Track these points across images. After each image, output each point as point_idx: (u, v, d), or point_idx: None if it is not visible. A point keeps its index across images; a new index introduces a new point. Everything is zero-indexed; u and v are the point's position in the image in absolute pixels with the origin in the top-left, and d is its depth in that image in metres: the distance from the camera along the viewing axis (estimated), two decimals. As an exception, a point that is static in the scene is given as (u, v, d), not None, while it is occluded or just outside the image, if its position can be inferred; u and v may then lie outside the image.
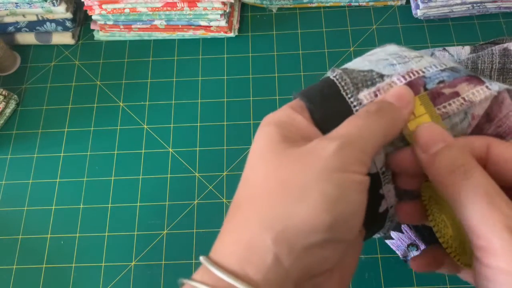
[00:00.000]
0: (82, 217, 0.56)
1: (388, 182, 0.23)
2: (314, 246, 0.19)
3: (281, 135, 0.22)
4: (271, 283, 0.19)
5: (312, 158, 0.20)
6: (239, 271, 0.19)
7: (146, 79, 0.65)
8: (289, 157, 0.21)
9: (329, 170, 0.20)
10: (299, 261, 0.19)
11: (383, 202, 0.23)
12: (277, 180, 0.20)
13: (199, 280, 0.19)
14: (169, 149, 0.60)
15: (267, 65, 0.64)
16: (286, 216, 0.19)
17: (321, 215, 0.19)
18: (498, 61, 0.50)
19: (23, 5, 0.63)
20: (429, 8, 0.62)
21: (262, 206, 0.20)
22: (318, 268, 0.20)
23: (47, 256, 0.55)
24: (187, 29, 0.65)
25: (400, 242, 0.49)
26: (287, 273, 0.19)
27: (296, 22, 0.67)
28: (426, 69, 0.24)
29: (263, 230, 0.19)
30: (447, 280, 0.50)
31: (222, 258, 0.20)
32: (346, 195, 0.20)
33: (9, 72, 0.67)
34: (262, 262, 0.19)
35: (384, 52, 0.25)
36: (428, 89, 0.23)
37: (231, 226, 0.21)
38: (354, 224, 0.21)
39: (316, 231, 0.19)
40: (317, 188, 0.19)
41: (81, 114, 0.63)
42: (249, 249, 0.19)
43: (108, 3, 0.62)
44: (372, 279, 0.51)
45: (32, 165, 0.60)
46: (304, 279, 0.20)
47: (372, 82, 0.23)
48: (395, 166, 0.23)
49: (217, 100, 0.62)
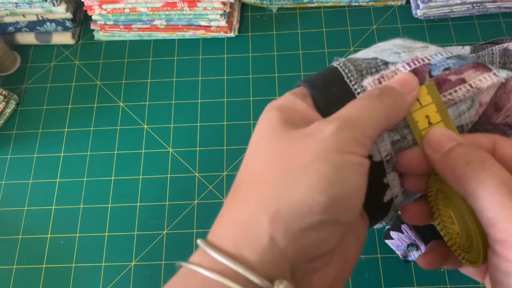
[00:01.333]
0: (82, 217, 0.56)
1: (392, 170, 0.23)
2: (310, 227, 0.19)
3: (282, 119, 0.22)
4: (267, 264, 0.19)
5: (310, 140, 0.20)
6: (234, 252, 0.19)
7: (146, 79, 0.65)
8: (288, 139, 0.21)
9: (327, 151, 0.19)
10: (295, 242, 0.19)
11: (387, 192, 0.23)
12: (275, 161, 0.20)
13: (195, 262, 0.19)
14: (169, 149, 0.60)
15: (267, 65, 0.64)
16: (282, 197, 0.19)
17: (317, 196, 0.19)
18: (499, 60, 0.50)
19: (23, 5, 0.63)
20: (429, 8, 0.62)
21: (260, 187, 0.20)
22: (315, 250, 0.20)
23: (47, 256, 0.55)
24: (187, 29, 0.65)
25: (400, 242, 0.49)
26: (283, 254, 0.19)
27: (296, 22, 0.67)
28: (432, 57, 0.23)
29: (259, 211, 0.19)
30: (447, 280, 0.50)
31: (219, 239, 0.20)
32: (344, 176, 0.19)
33: (9, 72, 0.67)
34: (258, 243, 0.19)
35: (388, 44, 0.25)
36: (434, 76, 0.23)
37: (229, 208, 0.21)
38: (352, 206, 0.20)
39: (312, 212, 0.19)
40: (314, 169, 0.19)
41: (81, 114, 0.63)
42: (245, 230, 0.19)
43: (108, 3, 0.62)
44: (372, 279, 0.51)
45: (32, 165, 0.60)
46: (301, 262, 0.20)
47: (377, 70, 0.23)
48: (403, 167, 0.23)
49: (217, 100, 0.62)
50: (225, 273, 0.18)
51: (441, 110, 0.22)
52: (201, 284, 0.19)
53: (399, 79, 0.23)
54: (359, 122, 0.21)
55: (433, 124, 0.22)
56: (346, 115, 0.21)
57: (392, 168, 0.23)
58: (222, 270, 0.19)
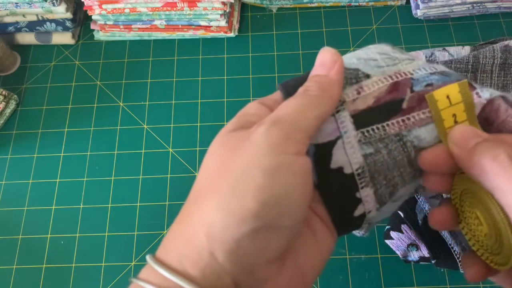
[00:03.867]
0: (82, 217, 0.56)
1: (367, 185, 0.22)
2: (244, 237, 0.19)
3: (236, 126, 0.21)
4: (209, 278, 0.19)
5: (246, 144, 0.20)
6: (179, 267, 0.19)
7: (146, 79, 0.65)
8: (231, 146, 0.20)
9: (258, 155, 0.19)
10: (232, 255, 0.19)
11: (359, 206, 0.22)
12: (217, 172, 0.20)
13: (144, 278, 0.20)
14: (169, 149, 0.60)
15: (267, 65, 0.64)
16: (218, 209, 0.19)
17: (248, 203, 0.18)
18: (500, 56, 0.50)
19: (23, 5, 0.63)
20: (429, 8, 0.62)
21: (201, 201, 0.20)
22: (254, 261, 0.19)
23: (47, 256, 0.55)
24: (187, 29, 0.65)
25: (400, 242, 0.49)
26: (222, 268, 0.19)
27: (296, 22, 0.67)
28: (415, 71, 0.23)
29: (199, 226, 0.19)
30: (447, 280, 0.50)
31: (166, 254, 0.20)
32: (275, 179, 0.19)
33: (9, 72, 0.67)
34: (199, 258, 0.19)
35: (376, 50, 0.25)
36: (415, 91, 0.22)
37: (177, 222, 0.21)
38: (288, 209, 0.19)
39: (244, 222, 0.18)
40: (246, 175, 0.19)
41: (81, 114, 0.63)
42: (188, 245, 0.19)
43: (108, 3, 0.62)
44: (372, 279, 0.51)
45: (32, 165, 0.60)
46: (243, 274, 0.19)
47: (357, 80, 0.23)
48: (427, 165, 0.22)
49: (217, 100, 0.62)
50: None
51: (469, 109, 0.22)
52: None
53: (318, 62, 0.23)
54: (288, 119, 0.20)
55: (458, 123, 0.22)
56: (276, 115, 0.21)
57: (366, 184, 0.22)
58: (168, 286, 0.19)
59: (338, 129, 0.22)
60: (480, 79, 0.50)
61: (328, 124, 0.22)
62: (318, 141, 0.22)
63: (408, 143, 0.22)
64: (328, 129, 0.22)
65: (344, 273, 0.51)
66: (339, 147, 0.22)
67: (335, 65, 0.22)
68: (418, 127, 0.22)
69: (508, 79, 0.50)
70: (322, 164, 0.22)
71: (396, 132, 0.22)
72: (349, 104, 0.22)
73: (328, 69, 0.22)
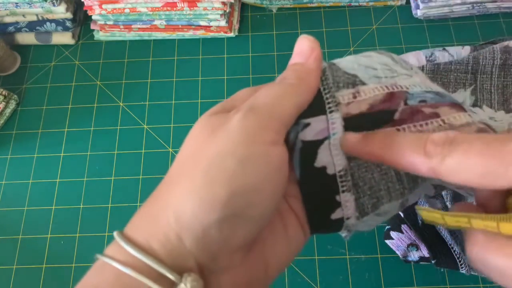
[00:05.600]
0: (82, 217, 0.56)
1: (348, 191, 0.22)
2: (212, 224, 0.18)
3: (219, 108, 0.22)
4: (175, 258, 0.19)
5: (222, 131, 0.20)
6: (146, 245, 0.19)
7: (146, 79, 0.65)
8: (207, 130, 0.20)
9: (232, 142, 0.19)
10: (199, 241, 0.19)
11: (338, 210, 0.22)
12: (191, 157, 0.20)
13: (110, 254, 0.19)
14: (169, 149, 0.60)
15: (267, 65, 0.64)
16: (189, 194, 0.19)
17: (218, 191, 0.18)
18: (500, 57, 0.50)
19: (23, 5, 0.63)
20: (429, 8, 0.62)
21: (173, 185, 0.20)
22: (218, 249, 0.19)
23: (47, 256, 0.55)
24: (187, 29, 0.65)
25: (400, 242, 0.49)
26: (189, 251, 0.19)
27: (296, 22, 0.67)
28: (411, 87, 0.23)
29: (169, 209, 0.19)
30: (447, 280, 0.50)
31: (133, 232, 0.20)
32: (247, 168, 0.19)
33: (9, 72, 0.67)
34: (166, 239, 0.19)
35: (378, 58, 0.24)
36: (409, 105, 0.22)
37: (149, 202, 0.21)
38: (258, 199, 0.19)
39: (212, 210, 0.18)
40: (218, 163, 0.19)
41: (81, 114, 0.63)
42: (156, 225, 0.19)
43: (108, 3, 0.62)
44: (372, 279, 0.51)
45: (32, 165, 0.60)
46: (207, 260, 0.19)
47: (354, 85, 0.23)
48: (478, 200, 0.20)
49: (217, 100, 0.62)
50: (137, 266, 0.18)
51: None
52: (115, 277, 0.18)
53: (295, 50, 0.22)
54: (264, 107, 0.20)
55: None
56: (252, 102, 0.20)
57: (348, 189, 0.22)
58: (134, 263, 0.18)
59: (328, 130, 0.22)
60: (480, 81, 0.50)
61: (319, 122, 0.22)
62: (306, 138, 0.22)
63: None
64: (318, 127, 0.22)
65: (344, 273, 0.51)
66: (325, 148, 0.22)
67: (313, 53, 0.22)
68: None
69: (508, 80, 0.50)
70: (306, 160, 0.22)
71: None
72: (343, 106, 0.22)
73: (305, 57, 0.22)
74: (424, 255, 0.48)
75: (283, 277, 0.52)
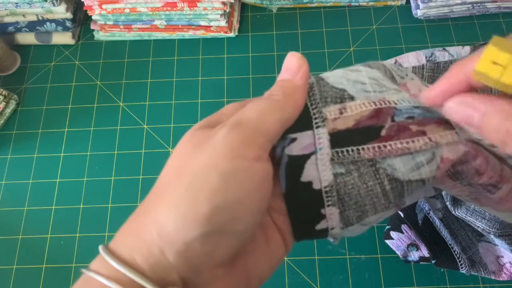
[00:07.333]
0: (82, 217, 0.56)
1: (333, 205, 0.22)
2: (195, 239, 0.19)
3: (205, 123, 0.22)
4: (158, 273, 0.19)
5: (206, 146, 0.20)
6: (130, 260, 0.19)
7: (146, 79, 0.65)
8: (192, 145, 0.20)
9: (216, 157, 0.19)
10: (181, 255, 0.19)
11: (322, 222, 0.23)
12: (174, 171, 0.20)
13: (95, 269, 0.19)
14: (169, 149, 0.60)
15: (267, 65, 0.64)
16: (171, 210, 0.19)
17: (201, 206, 0.18)
18: None
19: (23, 5, 0.63)
20: (429, 8, 0.62)
21: (157, 200, 0.20)
22: (201, 264, 0.19)
23: (47, 256, 0.55)
24: (187, 29, 0.65)
25: (400, 242, 0.49)
26: (171, 265, 0.19)
27: (296, 22, 0.67)
28: (399, 102, 0.23)
29: (152, 224, 0.19)
30: (447, 280, 0.50)
31: (118, 246, 0.20)
32: (230, 183, 0.19)
33: (9, 72, 0.67)
34: (150, 254, 0.19)
35: (366, 73, 0.24)
36: (396, 121, 0.22)
37: (133, 216, 0.21)
38: (241, 214, 0.19)
39: (195, 225, 0.18)
40: (201, 177, 0.19)
41: (81, 114, 0.63)
42: (140, 240, 0.19)
43: (108, 3, 0.62)
44: (372, 279, 0.51)
45: (32, 165, 0.60)
46: (190, 274, 0.19)
47: (341, 100, 0.23)
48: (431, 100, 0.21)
49: (217, 100, 0.62)
50: (121, 280, 0.18)
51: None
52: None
53: (283, 66, 0.23)
54: (249, 123, 0.20)
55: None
56: (238, 118, 0.20)
57: (333, 203, 0.22)
58: (118, 277, 0.19)
59: (314, 145, 0.22)
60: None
61: (306, 137, 0.22)
62: (293, 152, 0.22)
63: (381, 169, 0.22)
64: (304, 142, 0.22)
65: (344, 273, 0.51)
66: (312, 162, 0.22)
67: (300, 70, 0.22)
68: (393, 156, 0.22)
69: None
70: (293, 175, 0.22)
71: (370, 157, 0.22)
72: (330, 122, 0.23)
73: (293, 74, 0.22)
74: (424, 255, 0.48)
75: (283, 277, 0.52)
